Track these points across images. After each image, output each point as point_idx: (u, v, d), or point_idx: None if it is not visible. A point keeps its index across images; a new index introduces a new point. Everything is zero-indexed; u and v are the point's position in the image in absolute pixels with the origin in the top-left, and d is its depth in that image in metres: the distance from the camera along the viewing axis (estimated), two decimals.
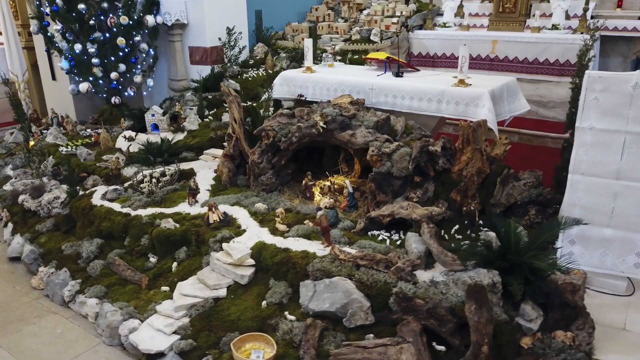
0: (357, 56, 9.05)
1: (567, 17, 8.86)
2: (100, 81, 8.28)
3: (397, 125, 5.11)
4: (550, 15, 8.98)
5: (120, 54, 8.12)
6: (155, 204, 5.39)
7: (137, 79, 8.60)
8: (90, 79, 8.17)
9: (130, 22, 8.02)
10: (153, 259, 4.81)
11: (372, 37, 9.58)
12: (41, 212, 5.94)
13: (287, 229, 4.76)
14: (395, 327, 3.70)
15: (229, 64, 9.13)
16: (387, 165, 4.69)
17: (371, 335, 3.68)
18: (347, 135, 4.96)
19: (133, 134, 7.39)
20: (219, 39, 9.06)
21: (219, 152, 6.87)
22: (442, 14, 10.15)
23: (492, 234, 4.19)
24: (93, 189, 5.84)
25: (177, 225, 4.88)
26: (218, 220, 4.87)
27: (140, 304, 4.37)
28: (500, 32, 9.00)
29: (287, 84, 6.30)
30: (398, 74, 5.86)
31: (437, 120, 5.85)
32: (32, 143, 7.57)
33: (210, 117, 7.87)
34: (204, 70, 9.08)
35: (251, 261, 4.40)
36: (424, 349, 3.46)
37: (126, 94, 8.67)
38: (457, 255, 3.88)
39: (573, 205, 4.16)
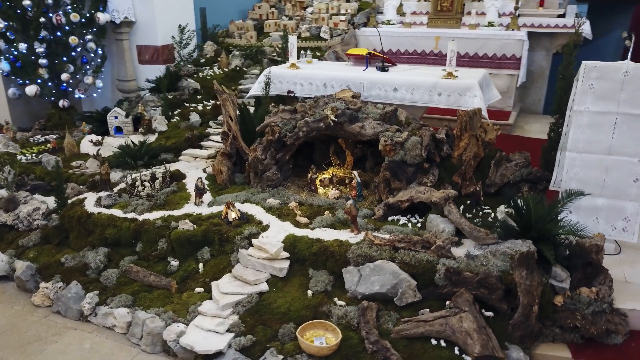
0: (312, 53, 9.24)
1: (498, 15, 9.73)
2: (49, 83, 7.69)
3: (401, 116, 5.41)
4: (483, 13, 9.83)
5: (73, 53, 7.59)
6: (158, 207, 5.22)
7: (88, 80, 8.11)
8: (39, 81, 7.55)
9: (83, 20, 7.53)
10: (174, 262, 4.68)
11: (322, 35, 9.82)
12: (20, 226, 5.48)
13: (308, 221, 4.88)
14: (442, 301, 4.01)
15: (182, 63, 8.89)
16: (401, 154, 4.97)
17: (426, 309, 3.94)
18: (357, 127, 5.17)
19: (99, 138, 7.00)
20: (173, 37, 8.79)
21: (198, 152, 6.77)
22: (382, 12, 10.65)
23: (507, 210, 4.65)
24: (81, 197, 5.49)
25: (195, 226, 4.79)
26: (237, 218, 4.85)
27: (176, 308, 4.26)
28: (442, 29, 9.66)
29: (273, 80, 6.34)
30: (383, 69, 6.17)
31: (423, 111, 6.24)
32: None
33: (176, 117, 7.66)
34: (153, 70, 8.78)
35: (285, 254, 4.47)
36: (479, 316, 3.79)
37: (77, 96, 8.12)
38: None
39: (570, 179, 4.72)
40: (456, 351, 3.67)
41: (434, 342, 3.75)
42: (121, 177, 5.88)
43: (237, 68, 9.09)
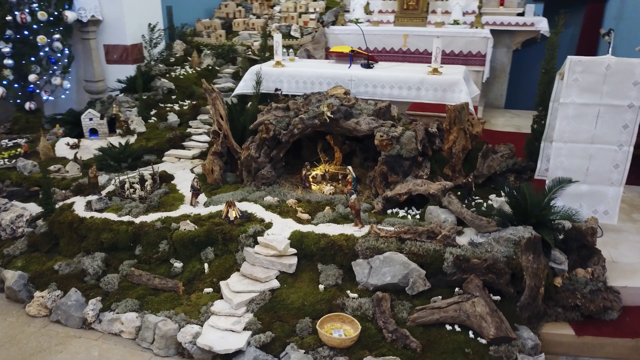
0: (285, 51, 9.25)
1: (462, 13, 10.08)
2: (15, 85, 7.33)
3: (393, 112, 5.54)
4: (447, 12, 10.16)
5: (41, 53, 7.27)
6: (154, 209, 5.12)
7: (56, 81, 7.79)
8: (4, 82, 7.18)
9: (51, 19, 7.22)
10: (178, 264, 4.60)
11: (292, 33, 9.85)
12: (2, 234, 5.22)
13: (310, 217, 4.92)
14: (450, 288, 4.18)
15: (153, 62, 8.69)
16: (397, 148, 5.10)
17: (439, 297, 4.08)
18: (353, 123, 5.26)
19: (75, 140, 6.75)
20: (143, 36, 8.58)
21: (182, 152, 6.67)
22: (348, 11, 10.79)
23: (501, 199, 4.87)
24: (69, 202, 5.29)
25: (196, 227, 4.73)
26: (238, 216, 4.83)
27: (187, 309, 4.20)
28: (410, 27, 9.90)
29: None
30: (368, 66, 6.28)
31: (406, 107, 6.40)
32: None
33: (153, 118, 7.49)
34: (122, 70, 8.54)
35: (293, 250, 4.50)
36: (490, 300, 3.96)
37: (44, 98, 7.77)
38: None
39: (557, 168, 5.00)
40: (471, 335, 3.83)
41: (448, 327, 3.89)
42: (107, 180, 5.71)
43: (210, 67, 8.98)
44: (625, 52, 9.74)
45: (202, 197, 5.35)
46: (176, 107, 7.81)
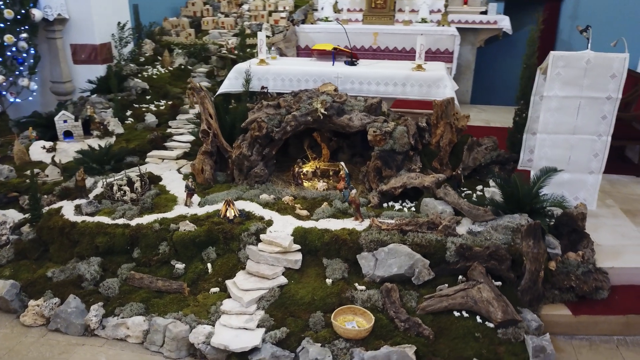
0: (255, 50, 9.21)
1: (429, 12, 10.36)
2: None
3: (384, 108, 5.65)
4: (413, 10, 10.41)
5: (9, 53, 6.95)
6: (148, 211, 5.02)
7: (24, 82, 7.46)
8: None
9: (19, 17, 6.91)
10: (180, 265, 4.53)
11: (263, 32, 9.81)
12: None
13: (308, 213, 4.96)
14: (454, 276, 4.33)
15: (123, 62, 8.46)
16: (390, 143, 5.21)
17: (445, 285, 4.22)
18: (346, 119, 5.33)
19: (51, 143, 6.50)
20: (113, 35, 8.33)
21: (165, 153, 6.56)
22: (316, 9, 10.85)
23: (492, 190, 5.07)
24: (56, 206, 5.10)
25: (196, 227, 4.68)
26: (237, 215, 4.81)
27: (195, 310, 4.15)
28: (380, 25, 10.07)
29: (243, 77, 6.29)
30: (352, 63, 6.38)
31: (390, 104, 6.53)
32: None
33: (130, 119, 7.31)
34: (91, 70, 8.29)
35: (297, 246, 4.53)
36: (494, 285, 4.13)
37: (11, 100, 7.43)
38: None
39: (541, 158, 5.24)
40: (478, 320, 3.98)
41: (456, 314, 4.03)
42: (93, 183, 5.54)
43: (182, 67, 8.84)
44: (581, 48, 10.30)
45: (196, 197, 5.28)
46: (152, 107, 7.65)
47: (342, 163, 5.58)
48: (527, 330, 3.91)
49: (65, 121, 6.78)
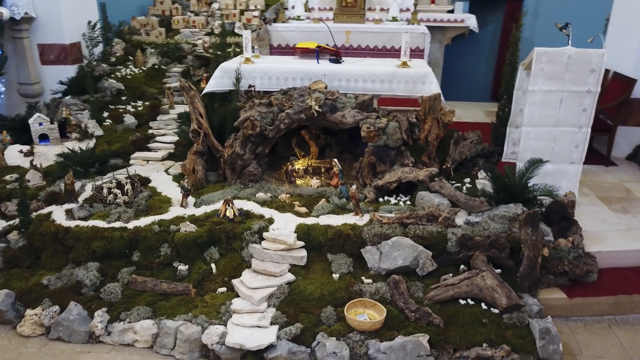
0: (231, 49, 9.15)
1: (399, 10, 10.55)
2: None
3: (374, 104, 5.73)
4: (382, 9, 10.59)
5: None
6: (143, 213, 4.92)
7: None
8: None
9: None
10: (183, 267, 4.47)
11: (236, 30, 9.75)
12: None
13: (307, 210, 5.00)
14: (455, 266, 4.47)
15: (95, 63, 8.20)
16: (384, 139, 5.31)
17: (449, 275, 4.35)
18: (339, 116, 5.39)
19: (28, 147, 6.25)
20: (84, 34, 8.07)
21: (150, 154, 6.45)
22: (287, 8, 10.85)
23: (483, 181, 5.26)
24: (45, 212, 4.91)
25: (197, 227, 4.63)
26: (236, 214, 4.79)
27: (205, 311, 4.11)
28: (352, 24, 10.18)
29: (228, 76, 6.23)
30: (337, 61, 6.44)
31: (377, 100, 6.64)
32: None
33: (108, 120, 7.10)
34: (60, 71, 8.00)
35: (301, 243, 4.56)
36: (495, 273, 4.30)
37: None
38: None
39: (526, 150, 5.47)
40: (483, 306, 4.12)
41: (462, 302, 4.16)
42: (81, 187, 5.36)
43: (156, 66, 8.66)
44: (543, 44, 10.77)
45: (190, 198, 5.21)
46: (129, 108, 7.46)
47: (335, 160, 5.65)
48: (530, 314, 4.09)
49: (40, 124, 6.53)
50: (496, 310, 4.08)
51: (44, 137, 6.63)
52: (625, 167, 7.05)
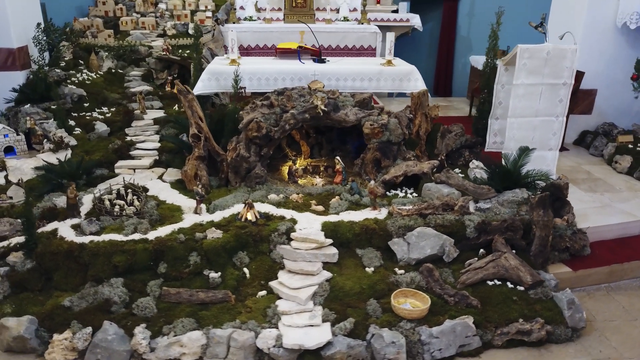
0: (189, 51, 8.89)
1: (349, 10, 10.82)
2: None
3: (371, 103, 5.89)
4: (332, 9, 10.81)
5: None
6: (158, 223, 4.72)
7: None
8: None
9: None
10: (215, 274, 4.36)
11: (190, 32, 9.48)
12: None
13: (324, 208, 5.07)
14: (474, 251, 4.77)
15: (46, 68, 7.61)
16: (387, 135, 5.50)
17: (474, 259, 4.63)
18: (343, 114, 5.49)
19: None
20: (34, 37, 7.46)
21: (135, 162, 6.16)
22: (236, 8, 10.72)
23: (477, 170, 5.62)
24: (47, 229, 4.54)
25: (222, 233, 4.54)
26: (258, 217, 4.75)
27: (251, 315, 4.05)
28: (306, 24, 10.26)
29: (216, 78, 6.11)
30: (322, 60, 6.54)
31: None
32: None
33: (77, 129, 6.65)
34: (7, 78, 7.35)
35: (329, 240, 4.62)
36: (514, 253, 4.64)
37: None
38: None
39: (510, 139, 5.92)
40: (509, 285, 4.45)
41: (490, 283, 4.46)
42: (78, 200, 5.00)
43: (113, 70, 8.22)
44: (478, 43, 11.55)
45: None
46: (95, 115, 7.03)
47: (338, 157, 5.76)
48: (551, 288, 4.47)
49: (6, 135, 5.97)
50: (521, 288, 4.42)
51: (9, 150, 6.08)
52: (576, 152, 7.80)
